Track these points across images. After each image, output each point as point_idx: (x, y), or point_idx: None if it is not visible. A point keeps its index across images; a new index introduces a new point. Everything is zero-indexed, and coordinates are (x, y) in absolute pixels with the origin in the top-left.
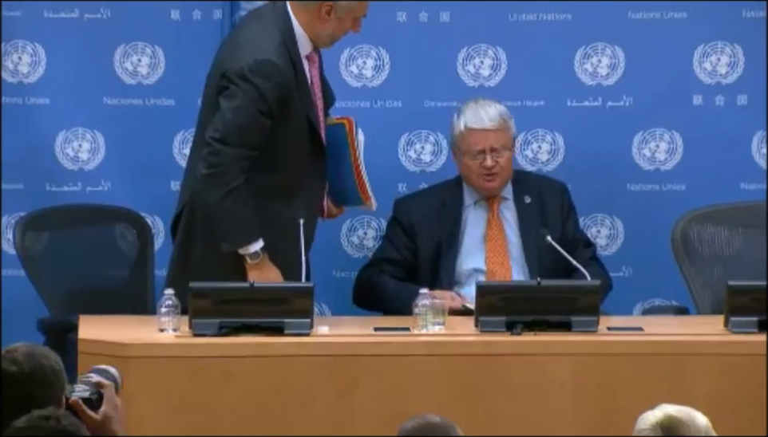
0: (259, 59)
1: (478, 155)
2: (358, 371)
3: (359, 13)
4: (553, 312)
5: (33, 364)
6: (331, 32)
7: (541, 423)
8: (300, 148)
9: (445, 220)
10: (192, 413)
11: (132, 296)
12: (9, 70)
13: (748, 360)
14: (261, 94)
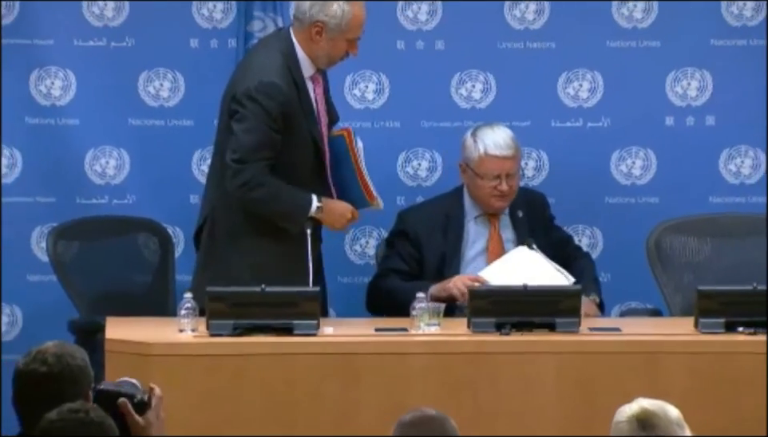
0: (263, 81)
1: (494, 179)
2: (361, 367)
3: (351, 34)
4: (538, 314)
5: (62, 363)
6: (326, 52)
7: (527, 415)
8: (304, 161)
9: (448, 233)
10: (210, 406)
11: (154, 299)
12: (43, 94)
13: (716, 357)
14: (267, 111)
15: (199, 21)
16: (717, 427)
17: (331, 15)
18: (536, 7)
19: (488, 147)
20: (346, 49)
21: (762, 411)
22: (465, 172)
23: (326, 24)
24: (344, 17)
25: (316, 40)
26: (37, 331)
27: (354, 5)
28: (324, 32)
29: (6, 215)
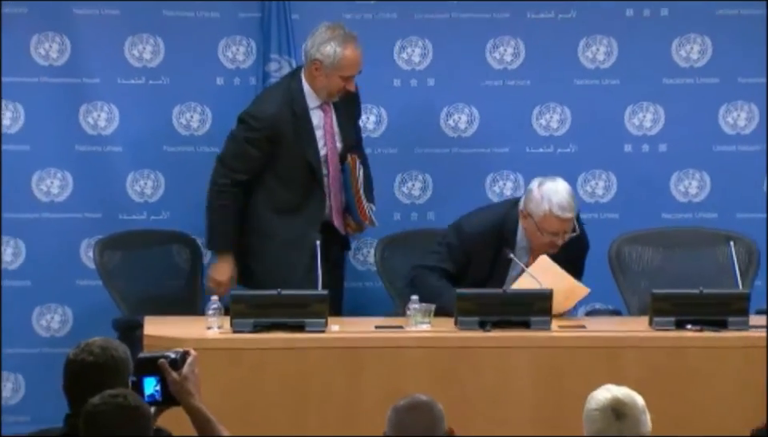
0: (256, 108)
1: (553, 236)
2: (363, 360)
3: (345, 72)
4: (515, 313)
5: (106, 355)
6: (324, 86)
7: (505, 401)
8: (294, 177)
9: (499, 255)
10: (233, 392)
11: (184, 301)
12: (90, 125)
13: (667, 351)
14: (250, 131)
15: (224, 62)
16: (669, 412)
17: (326, 55)
18: (514, 50)
19: (554, 208)
20: (341, 86)
21: (707, 399)
22: (525, 218)
23: (322, 62)
24: (336, 56)
25: (315, 75)
26: (85, 328)
27: (346, 47)
28: (321, 69)
29: (59, 229)
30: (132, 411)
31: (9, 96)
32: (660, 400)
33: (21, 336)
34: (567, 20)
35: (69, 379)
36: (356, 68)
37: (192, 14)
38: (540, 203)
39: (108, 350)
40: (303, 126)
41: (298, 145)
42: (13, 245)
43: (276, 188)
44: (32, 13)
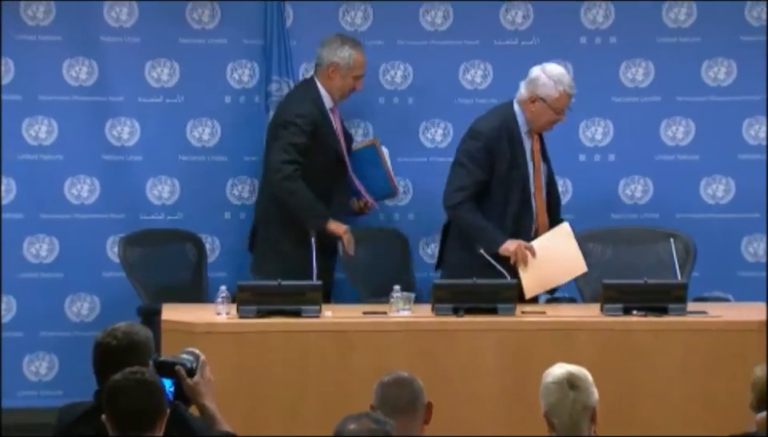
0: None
1: (561, 113)
2: (353, 341)
3: (356, 72)
4: (484, 301)
5: (128, 339)
6: (339, 87)
7: (475, 377)
8: (328, 168)
9: (513, 143)
10: (240, 370)
11: (193, 290)
12: (115, 137)
13: (616, 333)
14: (302, 131)
15: (231, 83)
16: (617, 386)
17: (342, 57)
18: (483, 72)
19: (567, 88)
20: (353, 85)
21: (650, 375)
22: (533, 103)
23: (338, 64)
24: (351, 58)
25: (332, 77)
26: (110, 314)
27: (357, 51)
28: (338, 70)
29: (88, 228)
30: (149, 385)
31: (45, 112)
32: (610, 376)
33: (55, 321)
34: (529, 46)
35: (96, 359)
36: (364, 68)
37: (204, 41)
38: (555, 86)
39: (130, 335)
40: (328, 124)
41: (328, 141)
42: (49, 242)
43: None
44: (65, 41)
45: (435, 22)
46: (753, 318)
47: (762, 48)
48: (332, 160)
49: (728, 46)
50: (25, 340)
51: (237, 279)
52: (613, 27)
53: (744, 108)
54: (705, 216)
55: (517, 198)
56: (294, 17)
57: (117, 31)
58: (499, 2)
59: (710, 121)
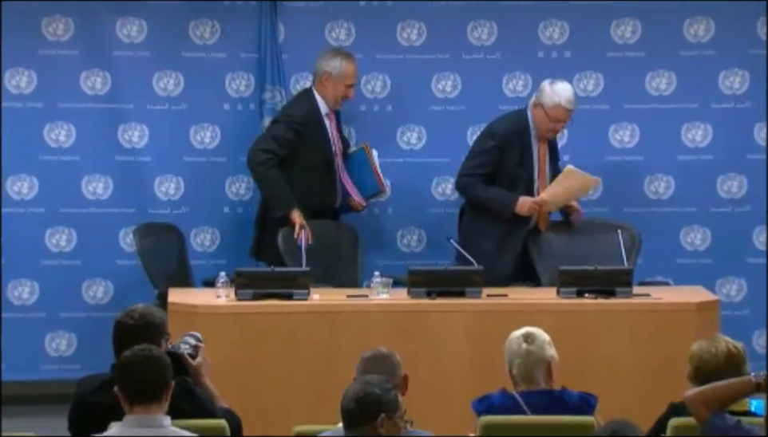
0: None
1: (558, 123)
2: (338, 321)
3: (347, 81)
4: (454, 285)
5: (143, 320)
6: (332, 94)
7: (446, 352)
8: (315, 166)
9: (522, 145)
10: (238, 347)
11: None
12: (126, 140)
13: (570, 314)
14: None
15: (230, 92)
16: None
17: (333, 67)
18: (453, 83)
19: (563, 101)
20: (345, 93)
21: (600, 350)
22: (536, 108)
23: (330, 73)
24: (341, 67)
25: (326, 85)
26: (122, 297)
27: (348, 61)
28: (330, 79)
29: (102, 221)
30: (156, 360)
31: (64, 118)
32: (565, 351)
33: (73, 303)
34: (493, 60)
35: (115, 336)
36: (355, 78)
37: (205, 55)
38: (551, 96)
39: (146, 316)
40: (321, 128)
41: (319, 142)
42: (68, 233)
43: (296, 180)
44: (82, 55)
45: (410, 38)
46: (690, 300)
47: (699, 60)
48: (320, 160)
49: (669, 59)
50: (46, 320)
51: (235, 266)
52: (567, 43)
53: (683, 115)
54: (648, 210)
55: (521, 194)
56: (286, 34)
57: (128, 46)
58: (467, 21)
59: (653, 126)
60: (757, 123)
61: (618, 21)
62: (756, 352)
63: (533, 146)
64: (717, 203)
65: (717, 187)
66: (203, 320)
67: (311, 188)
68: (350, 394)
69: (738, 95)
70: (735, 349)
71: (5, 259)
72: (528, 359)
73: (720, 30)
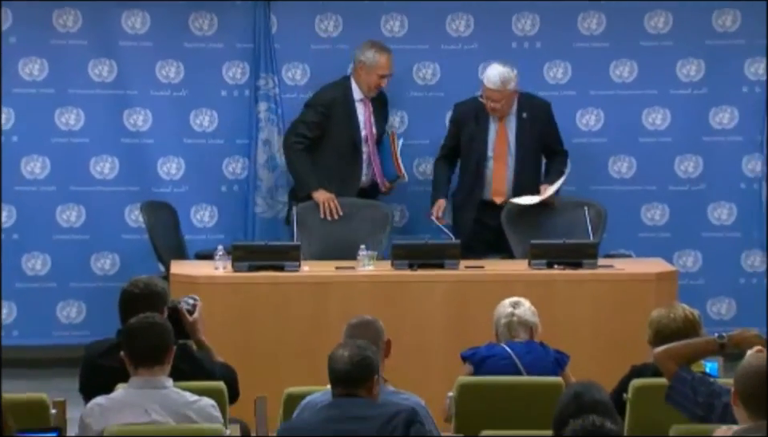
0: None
1: (488, 100)
2: (327, 291)
3: (380, 72)
4: (434, 257)
5: (148, 290)
6: (366, 82)
7: (427, 319)
8: (340, 147)
9: (479, 121)
10: (235, 315)
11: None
12: (131, 124)
13: (541, 283)
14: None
15: (226, 79)
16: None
17: (367, 57)
18: (432, 71)
19: (485, 81)
20: (378, 82)
21: (568, 316)
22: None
23: (364, 63)
24: (374, 59)
25: (360, 73)
26: (128, 268)
27: (381, 53)
28: (363, 68)
29: (109, 198)
30: (158, 327)
31: (74, 103)
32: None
33: (82, 274)
34: (470, 50)
35: (121, 304)
36: (387, 69)
37: (204, 45)
38: (482, 78)
39: (150, 286)
40: (350, 112)
41: (346, 125)
42: (77, 209)
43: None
44: (90, 45)
45: (393, 30)
46: (650, 271)
47: (659, 50)
48: (347, 141)
49: (631, 49)
50: (58, 289)
51: (232, 240)
52: (538, 34)
53: (643, 100)
54: (612, 188)
55: (472, 168)
56: (278, 25)
57: (133, 37)
58: (445, 14)
59: (616, 111)
60: (711, 107)
61: (584, 15)
62: (710, 318)
63: (490, 125)
64: (675, 182)
65: (675, 166)
66: (202, 289)
67: (337, 167)
68: (344, 358)
69: (694, 82)
70: (692, 315)
71: (20, 234)
72: (511, 321)
73: (677, 23)
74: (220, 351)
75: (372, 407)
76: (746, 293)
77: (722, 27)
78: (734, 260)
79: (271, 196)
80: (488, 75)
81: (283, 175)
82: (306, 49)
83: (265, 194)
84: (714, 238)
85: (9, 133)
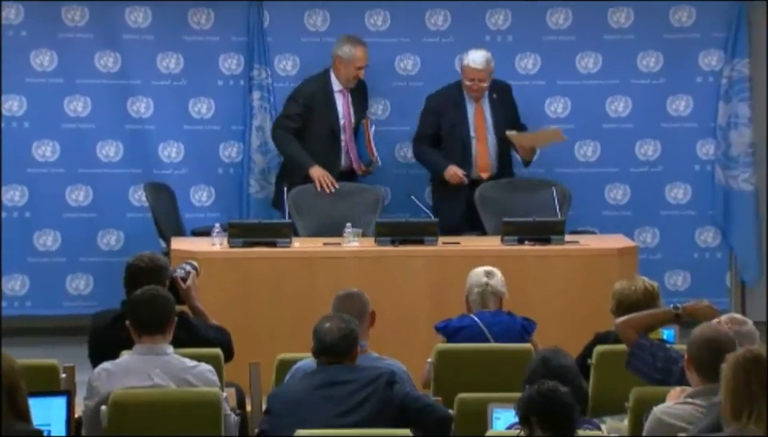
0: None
1: (471, 81)
2: (316, 265)
3: (357, 63)
4: (414, 234)
5: (152, 264)
6: (344, 75)
7: (407, 292)
8: (321, 134)
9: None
10: (231, 288)
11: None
12: (134, 111)
13: (513, 258)
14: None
15: (223, 70)
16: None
17: (344, 52)
18: (413, 63)
19: (469, 61)
20: (355, 74)
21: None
22: (462, 72)
23: (341, 57)
24: (351, 52)
25: (339, 67)
26: (132, 244)
27: (357, 47)
28: (342, 62)
29: (114, 179)
30: (161, 299)
31: (81, 92)
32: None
33: (90, 249)
34: (447, 42)
35: (127, 277)
36: (364, 60)
37: (202, 38)
38: (463, 61)
39: (154, 260)
40: (330, 102)
41: (326, 115)
42: (85, 190)
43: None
44: (96, 38)
45: (377, 24)
46: (613, 246)
47: (621, 43)
48: (326, 130)
49: (596, 42)
50: (67, 263)
51: (227, 218)
52: (510, 28)
53: (607, 89)
54: (578, 170)
55: (459, 151)
56: (270, 20)
57: (135, 30)
58: (425, 9)
59: (582, 99)
60: (669, 96)
61: (552, 10)
62: (667, 290)
63: (468, 108)
64: (635, 164)
65: (635, 150)
66: (201, 264)
67: (317, 153)
68: (333, 332)
69: (653, 73)
70: (651, 287)
71: (32, 212)
72: (485, 291)
73: (638, 18)
74: (218, 320)
75: (355, 372)
76: (699, 266)
77: (678, 22)
78: (689, 236)
79: (264, 178)
80: (473, 58)
81: (275, 159)
82: (296, 42)
83: (258, 176)
84: (671, 215)
85: (21, 119)
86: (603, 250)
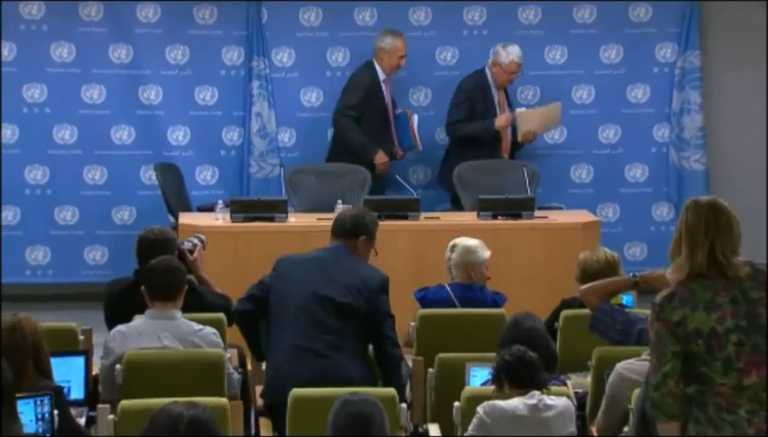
0: (354, 79)
1: (513, 75)
2: (310, 239)
3: (399, 53)
4: (400, 210)
5: (162, 236)
6: (388, 65)
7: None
8: (375, 120)
9: (486, 95)
10: (232, 259)
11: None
12: (145, 98)
13: (488, 232)
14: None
15: (225, 61)
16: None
17: (387, 43)
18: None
19: (515, 57)
20: (398, 63)
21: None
22: (495, 66)
23: (385, 49)
24: (393, 43)
25: (383, 58)
26: (143, 219)
27: (397, 39)
28: (385, 52)
29: (127, 161)
30: (174, 268)
31: (97, 81)
32: None
33: (105, 223)
34: (429, 36)
35: (139, 248)
36: (403, 50)
37: (206, 32)
38: (507, 56)
39: (164, 233)
40: (380, 91)
41: (379, 102)
42: (100, 170)
43: (364, 129)
44: (110, 31)
45: (365, 19)
46: (577, 220)
47: (585, 37)
48: (380, 117)
49: (562, 36)
50: (85, 236)
51: (230, 195)
52: (485, 24)
53: (572, 79)
54: (546, 152)
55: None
56: (268, 16)
57: (146, 25)
58: (408, 6)
59: (550, 88)
60: (628, 85)
61: (524, 7)
62: (627, 260)
63: (494, 95)
64: (598, 147)
65: (598, 134)
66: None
67: (375, 140)
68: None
69: (614, 64)
70: (612, 257)
71: (53, 190)
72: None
73: (601, 14)
74: (221, 287)
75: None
76: (656, 238)
77: (637, 18)
78: (646, 211)
79: (263, 159)
80: (515, 52)
81: (272, 142)
82: (291, 36)
83: (257, 157)
84: (630, 193)
85: (42, 105)
86: (569, 224)
